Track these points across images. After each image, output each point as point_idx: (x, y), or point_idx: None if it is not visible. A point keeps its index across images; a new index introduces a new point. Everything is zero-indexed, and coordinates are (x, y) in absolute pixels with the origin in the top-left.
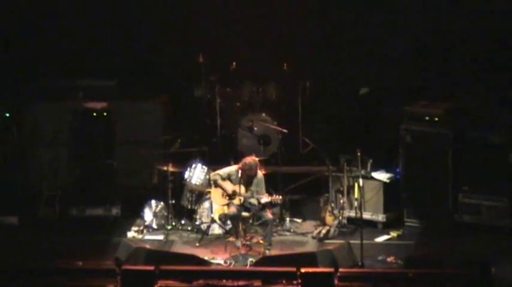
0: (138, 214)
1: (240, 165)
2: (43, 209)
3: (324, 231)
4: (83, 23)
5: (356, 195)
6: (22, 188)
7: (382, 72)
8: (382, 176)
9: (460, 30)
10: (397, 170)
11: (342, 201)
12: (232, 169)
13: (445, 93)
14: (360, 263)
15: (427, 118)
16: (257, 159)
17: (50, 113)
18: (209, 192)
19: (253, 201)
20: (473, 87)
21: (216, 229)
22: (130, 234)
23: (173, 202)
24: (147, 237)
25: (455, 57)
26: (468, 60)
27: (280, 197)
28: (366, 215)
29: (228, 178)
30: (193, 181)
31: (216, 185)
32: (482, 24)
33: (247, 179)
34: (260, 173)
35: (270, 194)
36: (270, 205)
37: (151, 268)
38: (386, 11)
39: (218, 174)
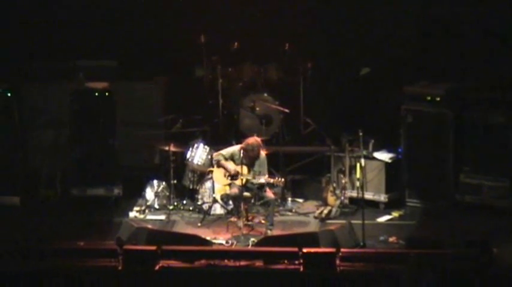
0: (139, 194)
1: (242, 145)
2: (44, 190)
3: (325, 211)
4: (83, 4)
5: (358, 175)
6: (23, 168)
7: (383, 52)
8: (384, 156)
9: (462, 9)
10: (399, 150)
11: (343, 181)
12: (235, 149)
13: (446, 73)
14: (361, 244)
15: (429, 98)
16: (260, 140)
17: (50, 93)
18: (211, 171)
19: (255, 182)
20: (474, 68)
21: (218, 209)
22: (132, 214)
23: (175, 181)
24: (149, 217)
25: (456, 37)
26: (469, 40)
27: (282, 179)
28: (368, 196)
29: (231, 158)
30: (195, 161)
31: (219, 165)
32: (484, 4)
33: (249, 159)
34: (263, 154)
35: (272, 177)
36: (272, 186)
37: (153, 248)
38: None
39: (221, 154)
